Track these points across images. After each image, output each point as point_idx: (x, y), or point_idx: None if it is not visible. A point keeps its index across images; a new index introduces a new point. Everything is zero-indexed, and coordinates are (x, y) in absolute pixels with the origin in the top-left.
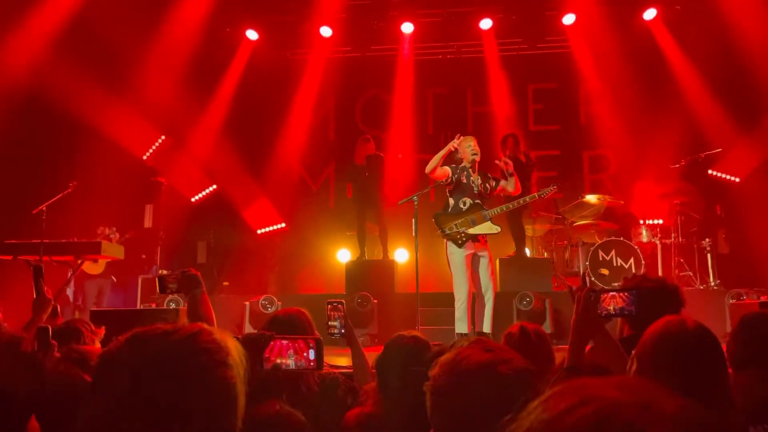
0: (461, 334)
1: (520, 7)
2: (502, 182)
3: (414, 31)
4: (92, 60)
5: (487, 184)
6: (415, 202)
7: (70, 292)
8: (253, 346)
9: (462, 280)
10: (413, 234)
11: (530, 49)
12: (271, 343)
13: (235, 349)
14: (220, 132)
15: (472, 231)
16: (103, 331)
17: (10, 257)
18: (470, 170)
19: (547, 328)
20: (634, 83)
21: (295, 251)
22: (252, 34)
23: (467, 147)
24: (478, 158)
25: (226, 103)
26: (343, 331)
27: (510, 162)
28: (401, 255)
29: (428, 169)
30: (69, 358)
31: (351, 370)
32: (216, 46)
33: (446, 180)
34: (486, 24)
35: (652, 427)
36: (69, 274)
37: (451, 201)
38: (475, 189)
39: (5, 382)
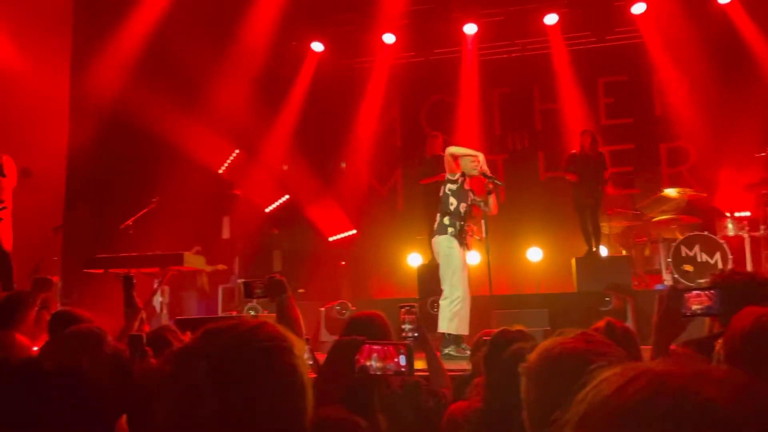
0: (448, 334)
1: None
2: (480, 201)
3: (477, 32)
4: (169, 80)
5: (474, 199)
6: (494, 184)
7: (157, 302)
8: (345, 351)
9: (464, 278)
10: (483, 235)
11: (599, 42)
12: (363, 347)
13: (298, 342)
14: (291, 143)
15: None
16: (188, 336)
17: (101, 270)
18: (467, 180)
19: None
20: (712, 70)
21: (367, 257)
22: (317, 46)
23: (470, 161)
24: (476, 174)
25: (295, 115)
26: (416, 334)
27: (494, 179)
28: (472, 257)
29: (454, 151)
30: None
31: (426, 373)
32: (283, 59)
33: (457, 176)
34: (551, 19)
35: (704, 389)
36: (155, 285)
37: (453, 201)
38: (470, 200)
39: (97, 388)
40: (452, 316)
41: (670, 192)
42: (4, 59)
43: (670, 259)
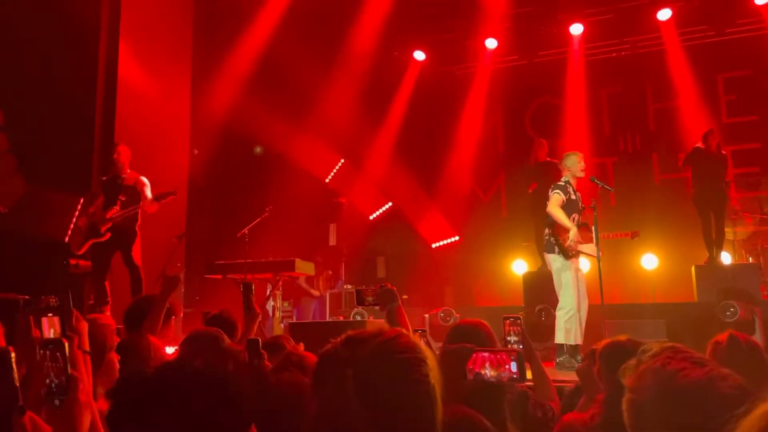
0: (566, 344)
1: None
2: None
3: (584, 32)
4: (279, 95)
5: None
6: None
7: (269, 306)
8: (457, 359)
9: (573, 292)
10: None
11: (718, 35)
12: (474, 355)
13: (430, 355)
14: (394, 151)
15: (580, 248)
16: (302, 347)
17: (220, 276)
18: (573, 185)
19: (758, 340)
20: None
21: (470, 263)
22: (419, 55)
23: (576, 162)
24: (582, 176)
25: (397, 123)
26: (521, 346)
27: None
28: (581, 264)
29: (550, 211)
30: (289, 362)
31: (532, 384)
32: (386, 69)
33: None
34: (664, 14)
35: None
36: (268, 291)
37: None
38: (580, 205)
39: (233, 390)
40: (565, 326)
41: None
42: (134, 84)
43: None
